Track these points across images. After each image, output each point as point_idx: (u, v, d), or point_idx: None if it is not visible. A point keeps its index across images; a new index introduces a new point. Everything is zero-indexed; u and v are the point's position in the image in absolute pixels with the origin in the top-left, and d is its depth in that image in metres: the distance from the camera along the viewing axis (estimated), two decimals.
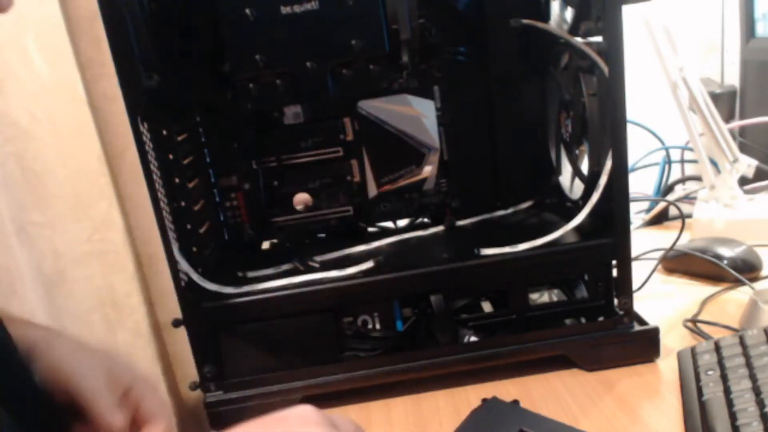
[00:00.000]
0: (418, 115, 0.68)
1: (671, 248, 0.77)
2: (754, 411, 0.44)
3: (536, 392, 0.58)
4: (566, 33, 0.63)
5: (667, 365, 0.59)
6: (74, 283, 0.83)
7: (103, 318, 0.84)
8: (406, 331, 0.62)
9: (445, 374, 0.61)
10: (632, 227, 0.64)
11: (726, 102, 1.07)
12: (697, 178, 0.98)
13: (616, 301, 0.60)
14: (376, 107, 0.68)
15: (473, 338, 0.63)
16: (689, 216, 0.88)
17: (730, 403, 0.46)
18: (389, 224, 0.75)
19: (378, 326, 0.62)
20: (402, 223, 0.75)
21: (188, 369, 0.72)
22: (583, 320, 0.64)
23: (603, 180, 0.57)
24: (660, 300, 0.73)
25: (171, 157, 0.58)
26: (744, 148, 0.94)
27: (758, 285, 0.72)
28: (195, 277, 0.58)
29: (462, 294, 0.66)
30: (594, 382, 0.58)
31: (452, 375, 0.61)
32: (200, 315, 0.59)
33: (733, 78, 1.09)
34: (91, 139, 0.79)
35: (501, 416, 0.52)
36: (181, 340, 0.69)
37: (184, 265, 0.57)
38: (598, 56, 0.56)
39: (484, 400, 0.54)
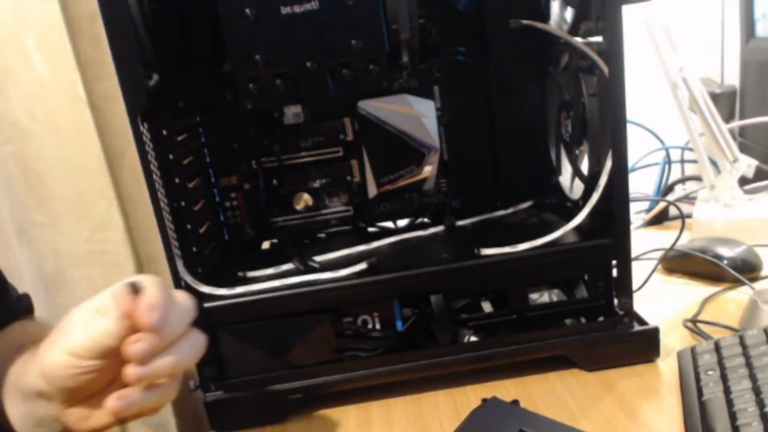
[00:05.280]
0: (418, 115, 0.68)
1: (671, 248, 0.77)
2: (754, 411, 0.44)
3: (536, 392, 0.58)
4: (566, 33, 0.63)
5: (667, 365, 0.59)
6: (74, 283, 0.83)
7: None
8: (406, 331, 0.62)
9: (445, 374, 0.61)
10: (632, 227, 0.64)
11: (726, 102, 1.07)
12: (697, 178, 0.98)
13: (616, 301, 0.60)
14: (376, 107, 0.68)
15: (473, 338, 0.63)
16: (689, 216, 0.88)
17: (730, 403, 0.46)
18: (389, 224, 0.75)
19: (378, 326, 0.62)
20: (402, 223, 0.75)
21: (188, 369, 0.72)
22: (583, 320, 0.64)
23: (603, 180, 0.57)
24: (660, 300, 0.73)
25: (171, 157, 0.58)
26: (744, 148, 0.94)
27: (758, 285, 0.72)
28: (188, 279, 0.58)
29: (462, 294, 0.66)
30: (594, 382, 0.58)
31: (452, 375, 0.61)
32: (200, 315, 0.59)
33: (733, 78, 1.09)
34: (91, 139, 0.79)
35: (501, 416, 0.52)
36: None
37: (180, 267, 0.57)
38: (598, 56, 0.56)
39: (484, 400, 0.54)
